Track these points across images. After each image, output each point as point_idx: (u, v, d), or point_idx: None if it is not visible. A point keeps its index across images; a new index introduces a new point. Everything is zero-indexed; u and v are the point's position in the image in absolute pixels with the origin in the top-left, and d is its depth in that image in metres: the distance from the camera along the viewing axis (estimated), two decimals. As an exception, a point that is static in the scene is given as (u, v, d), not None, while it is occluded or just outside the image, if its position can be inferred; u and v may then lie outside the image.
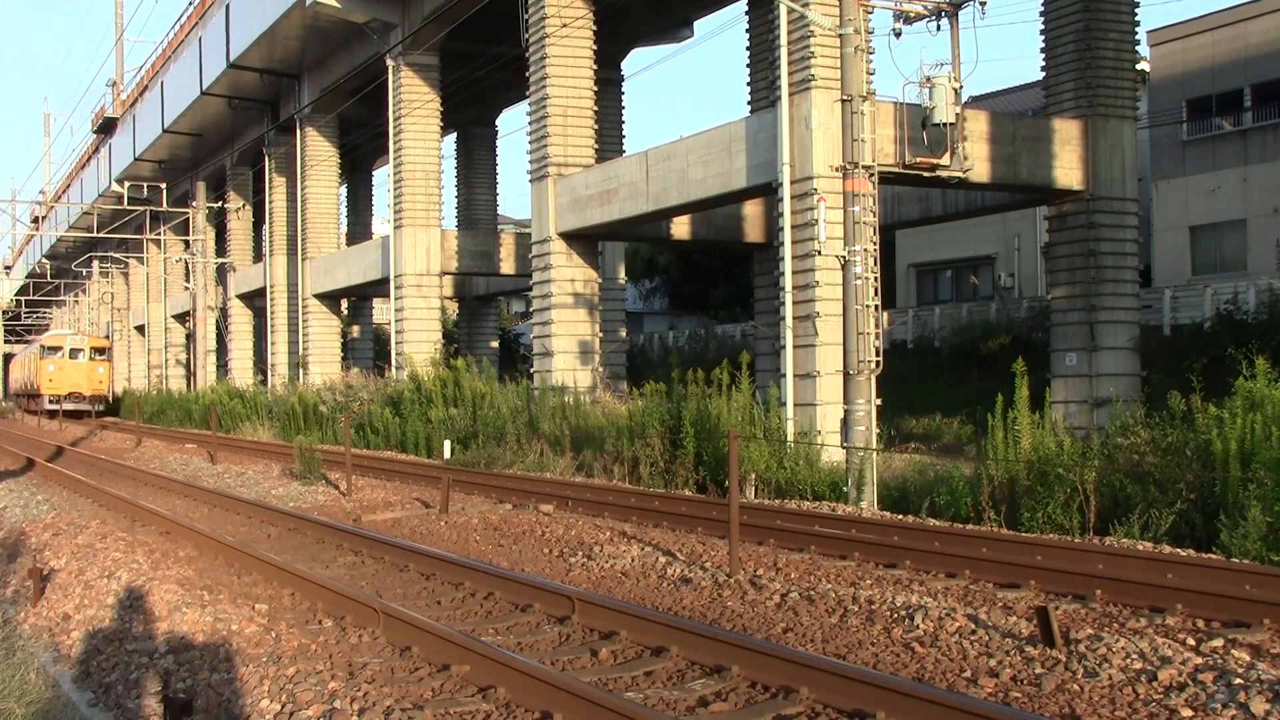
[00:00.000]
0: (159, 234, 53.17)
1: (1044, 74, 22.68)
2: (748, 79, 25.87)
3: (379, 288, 36.32)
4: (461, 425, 23.71)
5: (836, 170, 16.34)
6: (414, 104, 32.24)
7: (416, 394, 27.01)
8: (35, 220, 69.06)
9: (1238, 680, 6.24)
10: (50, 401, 51.52)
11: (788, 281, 19.01)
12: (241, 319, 49.82)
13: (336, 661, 7.26)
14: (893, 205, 25.36)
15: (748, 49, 25.89)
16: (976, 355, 29.91)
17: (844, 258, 15.36)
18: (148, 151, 51.14)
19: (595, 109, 25.92)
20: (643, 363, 39.47)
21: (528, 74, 26.14)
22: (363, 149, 45.45)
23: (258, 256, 49.46)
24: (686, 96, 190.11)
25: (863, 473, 14.65)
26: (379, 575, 10.67)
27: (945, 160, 18.94)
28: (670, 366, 19.13)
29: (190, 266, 50.17)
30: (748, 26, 26.09)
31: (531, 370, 26.42)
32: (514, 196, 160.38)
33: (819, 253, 17.99)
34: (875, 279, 15.62)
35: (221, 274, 50.84)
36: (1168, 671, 6.46)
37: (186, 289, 51.48)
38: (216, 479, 21.06)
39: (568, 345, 25.33)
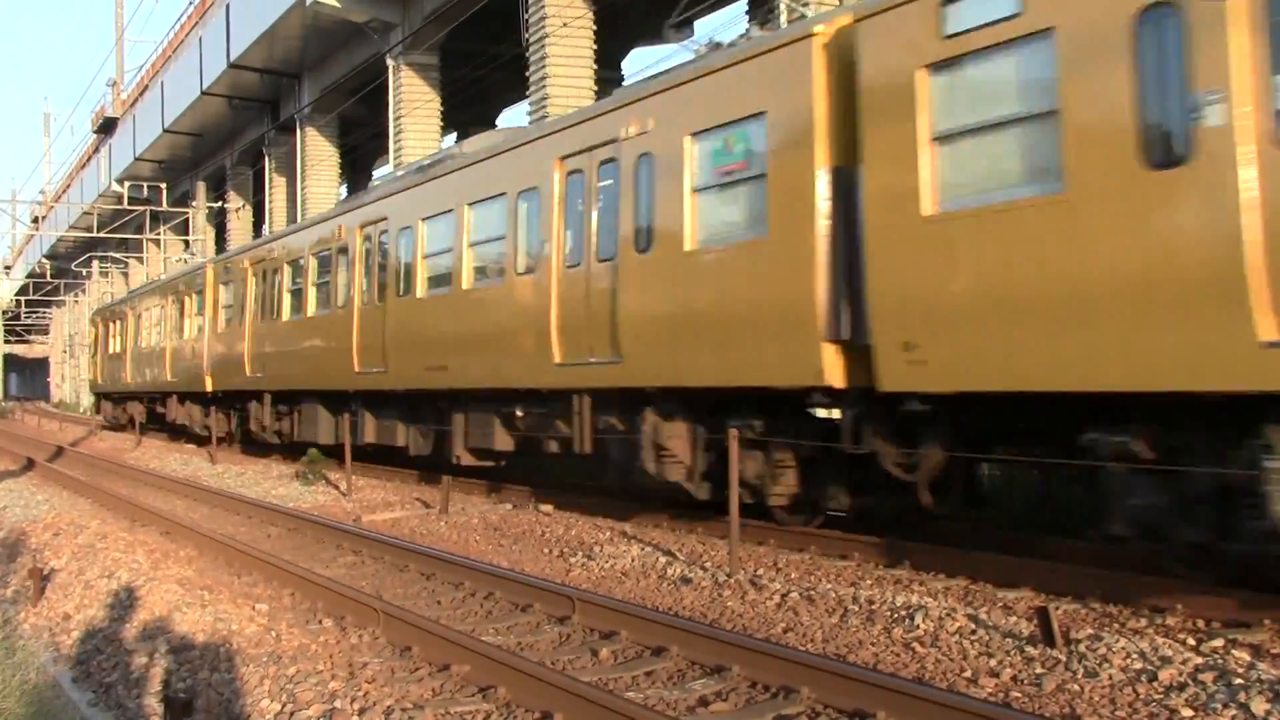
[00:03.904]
0: (159, 234, 53.15)
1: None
2: (748, 79, 25.81)
3: (379, 287, 36.23)
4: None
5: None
6: (414, 104, 32.22)
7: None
8: (35, 220, 69.02)
9: (1238, 680, 6.23)
10: None
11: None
12: (242, 318, 49.67)
13: (337, 661, 7.26)
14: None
15: (748, 49, 25.84)
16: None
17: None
18: (148, 151, 51.12)
19: (595, 109, 25.89)
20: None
21: (528, 74, 26.11)
22: (363, 149, 45.38)
23: (258, 256, 49.37)
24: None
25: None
26: (379, 575, 10.67)
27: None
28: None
29: (190, 266, 50.14)
30: (748, 26, 26.07)
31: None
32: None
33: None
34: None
35: (221, 274, 50.77)
36: (1168, 671, 6.45)
37: (187, 289, 51.32)
38: (216, 479, 21.05)
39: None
